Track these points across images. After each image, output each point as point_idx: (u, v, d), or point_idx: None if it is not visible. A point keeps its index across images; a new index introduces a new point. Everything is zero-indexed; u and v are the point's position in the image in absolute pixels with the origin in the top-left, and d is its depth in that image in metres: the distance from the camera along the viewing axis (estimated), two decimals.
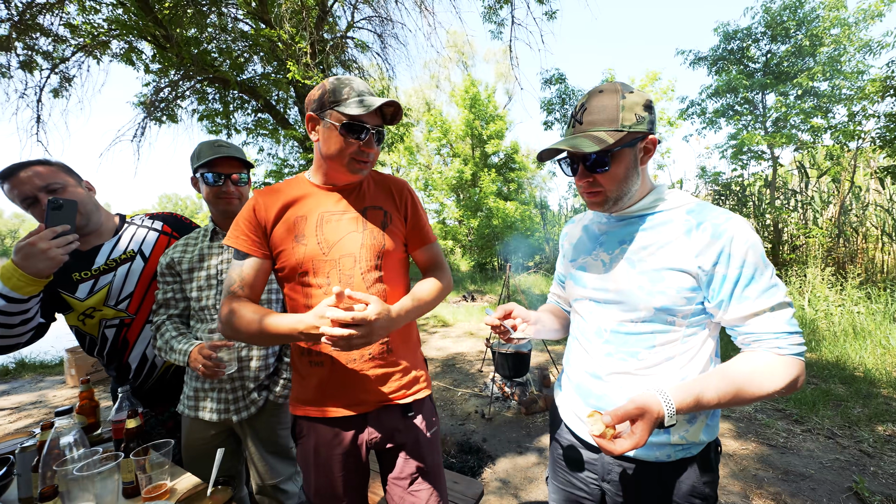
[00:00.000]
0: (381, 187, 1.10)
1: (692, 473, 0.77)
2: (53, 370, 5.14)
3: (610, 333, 0.83)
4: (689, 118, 8.41)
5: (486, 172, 13.66)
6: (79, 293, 1.33)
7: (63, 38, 6.24)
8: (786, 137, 6.63)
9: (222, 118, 7.89)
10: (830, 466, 2.38)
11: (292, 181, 1.06)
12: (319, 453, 1.02)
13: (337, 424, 1.01)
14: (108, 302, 1.36)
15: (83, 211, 1.30)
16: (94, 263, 1.36)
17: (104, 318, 1.37)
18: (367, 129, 0.93)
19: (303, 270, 0.97)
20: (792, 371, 0.70)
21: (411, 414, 1.07)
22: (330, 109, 0.93)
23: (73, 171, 1.35)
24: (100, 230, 1.39)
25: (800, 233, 6.24)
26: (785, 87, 6.87)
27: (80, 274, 1.34)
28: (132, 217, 1.53)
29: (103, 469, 1.02)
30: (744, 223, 0.74)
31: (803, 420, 2.95)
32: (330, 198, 1.02)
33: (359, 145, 0.94)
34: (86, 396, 1.45)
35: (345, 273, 0.98)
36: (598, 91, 0.80)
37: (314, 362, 1.00)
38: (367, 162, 0.98)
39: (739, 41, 7.45)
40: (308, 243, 0.97)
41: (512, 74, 7.10)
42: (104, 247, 1.39)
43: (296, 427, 1.07)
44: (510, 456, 2.63)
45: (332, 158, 0.96)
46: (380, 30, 8.50)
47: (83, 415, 1.44)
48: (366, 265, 1.00)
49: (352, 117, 0.91)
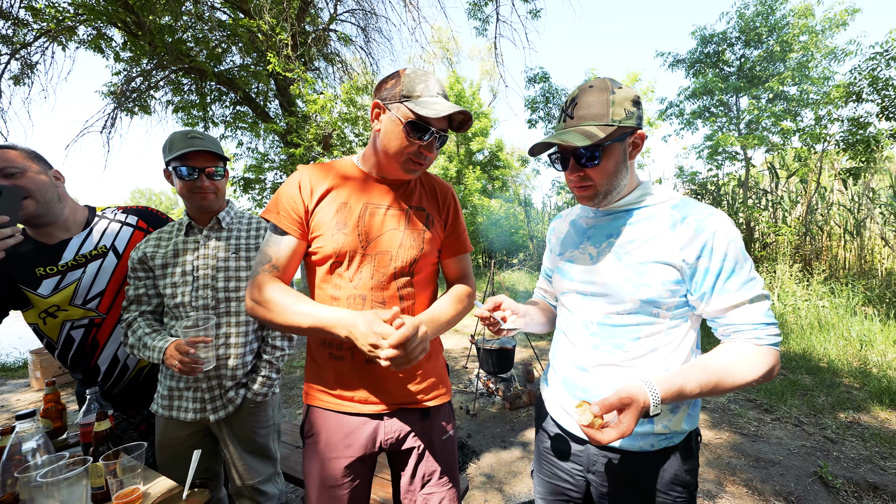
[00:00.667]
0: (427, 189, 1.07)
1: (674, 462, 0.80)
2: (17, 372, 4.88)
3: (596, 326, 0.85)
4: (668, 119, 8.65)
5: (471, 170, 13.70)
6: (42, 289, 1.25)
7: (24, 21, 5.88)
8: (758, 139, 6.89)
9: (199, 110, 7.61)
10: (797, 452, 2.50)
11: (339, 164, 1.02)
12: (328, 453, 0.96)
13: (352, 422, 0.97)
14: (74, 301, 1.28)
15: (40, 199, 1.21)
16: (61, 258, 1.28)
17: (70, 318, 1.29)
18: (431, 132, 0.89)
19: (337, 261, 0.93)
20: (769, 361, 0.72)
21: (429, 418, 1.03)
22: (399, 103, 0.88)
23: (42, 158, 1.26)
24: (66, 223, 1.31)
25: (770, 231, 6.52)
26: (757, 90, 7.15)
27: (44, 269, 1.26)
28: (103, 210, 1.44)
29: (70, 475, 0.97)
30: (725, 218, 0.76)
31: (773, 409, 3.09)
32: (377, 189, 0.99)
33: (419, 146, 0.90)
34: (51, 399, 1.38)
35: (379, 270, 0.94)
36: (588, 86, 0.81)
37: (334, 356, 0.97)
38: (423, 164, 0.94)
39: (715, 45, 7.70)
40: (348, 233, 0.93)
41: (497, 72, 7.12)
42: (73, 241, 1.31)
43: (306, 419, 1.02)
44: (494, 451, 2.65)
45: (389, 153, 0.92)
46: (363, 23, 8.37)
47: (48, 418, 1.37)
48: (400, 265, 0.97)
49: (421, 117, 0.87)
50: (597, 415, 0.65)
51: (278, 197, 0.95)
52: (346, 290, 0.93)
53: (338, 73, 9.04)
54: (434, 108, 0.86)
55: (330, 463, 0.96)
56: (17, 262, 1.24)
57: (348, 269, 0.93)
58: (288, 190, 0.95)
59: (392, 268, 0.96)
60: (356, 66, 8.97)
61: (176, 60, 6.38)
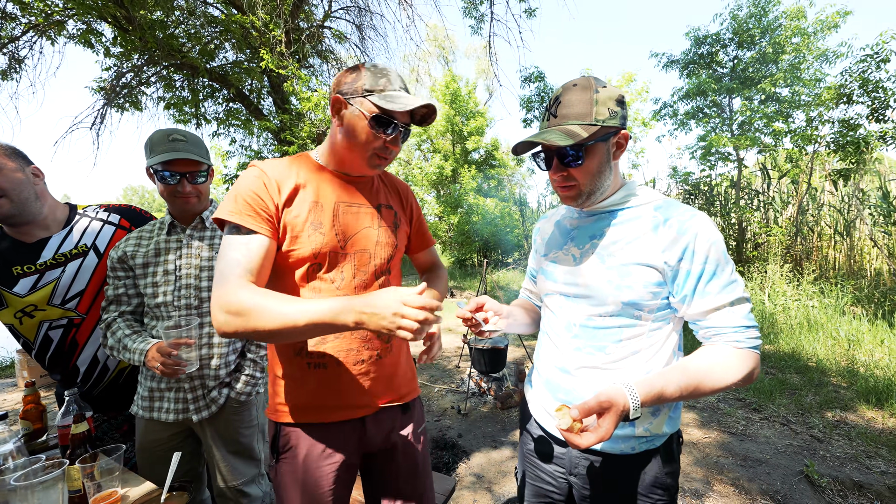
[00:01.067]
0: (389, 187, 1.08)
1: (655, 465, 0.79)
2: (4, 372, 4.81)
3: (579, 328, 0.84)
4: (662, 119, 8.69)
5: (467, 169, 13.68)
6: (18, 288, 1.23)
7: (11, 15, 5.78)
8: (750, 140, 6.95)
9: (191, 107, 7.53)
10: (784, 451, 2.52)
11: (298, 161, 0.96)
12: (310, 466, 0.91)
13: (335, 430, 0.93)
14: (52, 300, 1.26)
15: (14, 198, 1.19)
16: (39, 257, 1.26)
17: (48, 318, 1.27)
18: (396, 126, 0.88)
19: (316, 262, 0.89)
20: (748, 364, 0.72)
21: (409, 412, 1.05)
22: (362, 97, 0.86)
23: (22, 154, 1.24)
24: (45, 221, 1.29)
25: (762, 231, 6.57)
26: (750, 91, 7.21)
27: (21, 268, 1.24)
28: (84, 208, 1.41)
29: (46, 478, 0.95)
30: (707, 221, 0.76)
31: (761, 408, 3.11)
32: (345, 187, 0.96)
33: (384, 140, 0.88)
34: (31, 400, 1.36)
35: (359, 269, 0.93)
36: (572, 85, 0.80)
37: (315, 364, 0.91)
38: (387, 159, 0.93)
39: (709, 46, 7.74)
40: (326, 233, 0.89)
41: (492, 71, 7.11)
42: (52, 240, 1.29)
43: (278, 438, 0.94)
44: (485, 451, 2.65)
45: (354, 148, 0.89)
46: (358, 20, 8.32)
47: (28, 420, 1.34)
48: (379, 262, 0.97)
49: (386, 111, 0.85)
50: (576, 419, 0.65)
51: (238, 196, 0.85)
52: (328, 292, 0.90)
53: (332, 71, 8.98)
54: (399, 101, 0.84)
55: (313, 475, 0.91)
56: None
57: (329, 270, 0.90)
58: (250, 187, 0.85)
59: (372, 266, 0.95)
60: (350, 64, 8.91)
61: (167, 56, 6.30)
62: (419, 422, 1.08)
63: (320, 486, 0.91)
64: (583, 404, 0.66)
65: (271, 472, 0.97)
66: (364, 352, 0.94)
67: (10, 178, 1.18)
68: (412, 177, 15.26)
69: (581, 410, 0.65)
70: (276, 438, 0.95)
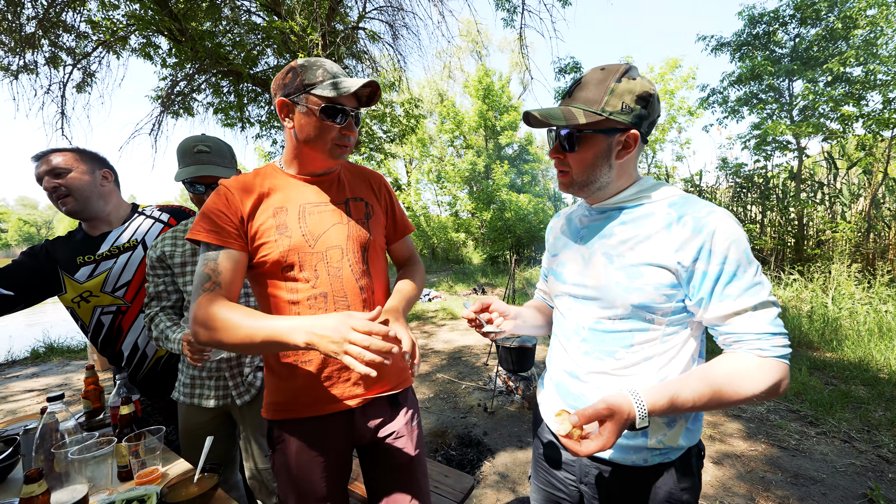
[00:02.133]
0: (359, 179, 1.09)
1: (669, 479, 0.75)
2: (79, 355, 5.40)
3: (587, 331, 0.80)
4: (710, 107, 8.07)
5: (499, 164, 13.50)
6: (78, 275, 1.39)
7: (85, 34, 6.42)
8: (813, 127, 6.28)
9: (236, 111, 8.00)
10: (844, 471, 2.28)
11: (263, 171, 0.99)
12: (302, 457, 0.97)
13: (323, 422, 0.98)
14: (104, 288, 1.40)
15: (78, 197, 1.36)
16: (98, 249, 1.42)
17: (100, 304, 1.42)
18: (346, 112, 0.90)
19: (288, 264, 0.91)
20: (774, 374, 0.66)
21: (398, 405, 1.07)
22: (305, 94, 0.87)
23: (96, 158, 1.43)
24: (109, 217, 1.46)
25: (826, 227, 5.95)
26: (814, 73, 6.50)
27: (84, 258, 1.40)
28: (144, 208, 1.58)
29: (99, 453, 1.06)
30: (727, 217, 0.70)
31: (819, 422, 2.84)
32: (309, 189, 0.98)
33: (339, 129, 0.91)
34: (91, 382, 1.51)
35: (333, 266, 0.95)
36: (599, 68, 0.76)
37: (301, 361, 0.96)
38: (347, 146, 0.94)
39: (766, 25, 7.07)
40: (292, 235, 0.92)
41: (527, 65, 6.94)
42: (111, 234, 1.45)
43: (272, 433, 1.00)
44: (510, 450, 2.63)
45: (312, 144, 0.91)
46: (391, 19, 8.42)
47: (88, 399, 1.49)
48: (353, 257, 0.98)
49: (331, 100, 0.87)
50: (575, 425, 0.62)
51: (205, 215, 0.88)
52: (304, 291, 0.93)
53: (366, 71, 9.17)
54: (342, 87, 0.86)
55: (304, 466, 0.96)
56: (65, 250, 1.40)
57: (302, 270, 0.92)
58: (215, 206, 0.89)
59: (346, 261, 0.97)
60: (385, 64, 9.04)
61: (215, 64, 6.72)
62: (412, 412, 1.10)
63: (313, 475, 0.96)
64: (583, 410, 0.63)
65: (270, 462, 1.03)
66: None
67: (78, 179, 1.36)
68: (445, 173, 15.29)
69: (581, 417, 0.62)
70: (270, 433, 1.01)
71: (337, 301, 0.95)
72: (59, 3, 5.87)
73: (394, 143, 9.64)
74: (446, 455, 2.55)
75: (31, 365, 5.05)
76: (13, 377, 4.58)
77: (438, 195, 16.67)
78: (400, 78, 8.75)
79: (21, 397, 3.93)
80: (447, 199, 15.95)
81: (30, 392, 4.07)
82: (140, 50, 6.74)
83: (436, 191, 16.59)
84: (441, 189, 15.88)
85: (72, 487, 0.96)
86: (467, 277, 11.11)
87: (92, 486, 1.02)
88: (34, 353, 5.40)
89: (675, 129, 9.22)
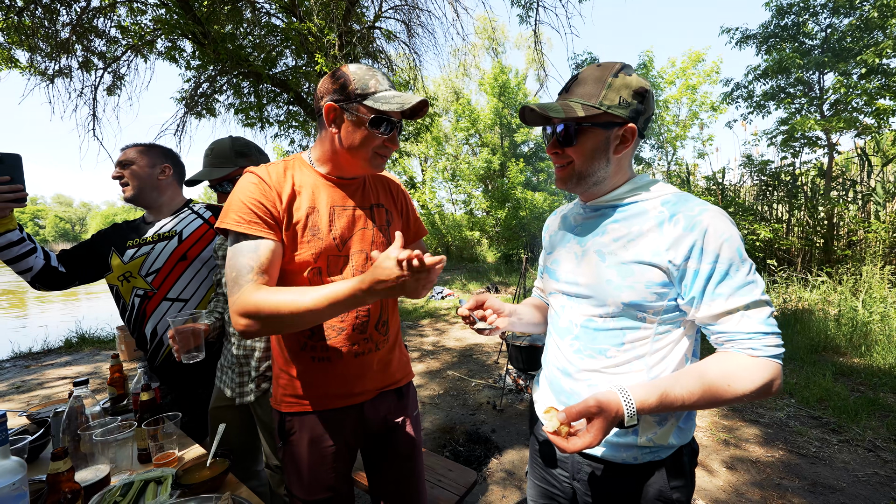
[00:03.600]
0: (380, 185, 1.12)
1: (660, 478, 0.75)
2: (108, 345, 5.68)
3: (579, 329, 0.81)
4: (735, 102, 7.80)
5: (515, 162, 13.41)
6: (125, 256, 1.52)
7: (115, 38, 6.72)
8: (845, 122, 6.00)
9: (256, 111, 8.22)
10: (867, 481, 2.20)
11: (292, 164, 0.98)
12: (313, 448, 1.00)
13: (336, 416, 1.01)
14: (140, 271, 1.51)
15: (134, 187, 1.51)
16: (145, 234, 1.56)
17: (136, 286, 1.52)
18: (392, 124, 0.91)
19: (316, 266, 0.92)
20: (765, 374, 0.65)
21: (404, 397, 1.12)
22: (357, 103, 0.87)
23: (161, 153, 1.59)
24: (161, 208, 1.60)
25: (858, 227, 5.67)
26: (847, 65, 6.18)
27: (133, 241, 1.54)
28: (196, 203, 1.70)
29: (121, 437, 1.13)
30: (720, 215, 0.69)
31: (841, 429, 2.73)
32: (337, 191, 0.98)
33: (384, 140, 0.91)
34: (115, 370, 1.60)
35: (358, 270, 0.97)
36: (595, 65, 0.77)
37: (318, 358, 0.97)
38: (387, 157, 0.96)
39: (795, 16, 6.77)
40: (323, 237, 0.93)
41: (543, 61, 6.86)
42: (160, 222, 1.59)
43: (283, 425, 1.03)
44: (518, 448, 2.63)
45: (354, 152, 0.91)
46: (407, 18, 8.47)
47: (114, 386, 1.58)
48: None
49: (383, 113, 0.87)
50: (563, 421, 0.63)
51: (240, 204, 0.87)
52: None
53: (382, 70, 9.25)
54: (395, 102, 0.86)
55: (315, 457, 1.00)
56: (123, 233, 1.56)
57: (329, 274, 0.94)
58: (250, 195, 0.87)
59: (370, 266, 0.97)
60: (400, 62, 9.10)
61: (236, 65, 6.92)
62: (413, 406, 1.15)
63: (322, 465, 1.00)
64: (571, 407, 0.64)
65: (279, 454, 1.06)
66: (364, 344, 1.00)
67: (138, 171, 1.51)
68: (460, 171, 15.29)
69: (568, 413, 0.63)
70: (282, 425, 1.03)
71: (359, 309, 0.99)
72: (91, 10, 6.16)
73: (409, 142, 9.70)
74: (454, 451, 2.58)
75: (64, 354, 5.35)
76: (48, 365, 4.86)
77: (453, 193, 16.69)
78: (415, 76, 8.78)
79: (55, 384, 4.17)
80: (462, 197, 15.96)
81: (63, 379, 4.31)
82: (166, 53, 7.00)
83: (451, 189, 16.62)
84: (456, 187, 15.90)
85: (95, 467, 1.03)
86: (481, 276, 11.09)
87: (114, 466, 1.09)
88: (67, 342, 5.71)
89: (697, 125, 8.94)
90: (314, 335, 0.97)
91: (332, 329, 0.97)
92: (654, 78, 10.83)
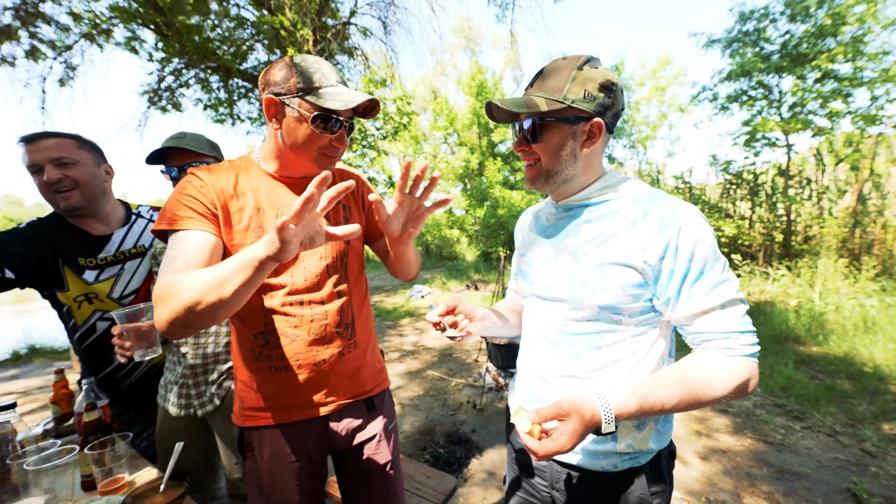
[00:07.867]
0: (337, 181, 1.05)
1: (640, 485, 0.72)
2: (62, 356, 5.30)
3: (555, 333, 0.78)
4: (700, 104, 8.12)
5: (493, 161, 13.48)
6: (85, 275, 1.29)
7: (66, 26, 6.26)
8: (802, 123, 6.34)
9: (226, 107, 7.87)
10: (829, 466, 2.30)
11: (238, 164, 0.93)
12: (274, 464, 0.93)
13: (297, 429, 0.94)
14: (111, 294, 1.32)
15: (85, 192, 1.25)
16: (101, 251, 1.32)
17: (102, 308, 1.32)
18: (340, 123, 0.84)
19: None
20: (742, 374, 0.64)
21: (374, 409, 1.05)
22: (299, 98, 0.81)
23: (99, 150, 1.33)
24: (107, 217, 1.36)
25: (813, 223, 6.01)
26: (803, 69, 6.54)
27: (86, 259, 1.29)
28: (136, 208, 1.49)
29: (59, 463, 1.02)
30: (693, 213, 0.67)
31: (804, 416, 2.86)
32: (286, 191, 0.93)
33: (330, 139, 0.85)
34: (60, 386, 1.45)
35: (310, 271, 0.92)
36: (562, 58, 0.74)
37: (275, 367, 0.91)
38: (335, 157, 0.89)
39: (756, 21, 7.10)
40: None
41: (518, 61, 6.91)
42: (114, 236, 1.36)
43: (243, 440, 0.96)
44: (498, 447, 2.61)
45: (298, 150, 0.85)
46: (383, 15, 8.33)
47: (58, 405, 1.43)
48: (331, 262, 0.95)
49: (328, 110, 0.81)
50: (534, 422, 0.60)
51: (174, 203, 0.81)
52: (278, 298, 0.89)
53: (358, 67, 9.06)
54: (340, 99, 0.80)
55: (276, 473, 0.93)
56: (66, 245, 1.28)
57: (278, 274, 0.89)
58: (186, 192, 0.82)
59: (323, 265, 0.93)
60: (377, 59, 8.95)
61: (203, 59, 6.60)
62: (389, 418, 1.07)
63: (285, 482, 0.93)
64: (540, 409, 0.61)
65: (240, 469, 0.99)
66: (324, 352, 0.93)
67: (87, 171, 1.24)
68: (439, 170, 15.24)
69: (538, 414, 0.60)
70: (241, 440, 0.97)
71: (313, 305, 0.92)
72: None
73: (387, 140, 9.56)
74: (434, 453, 2.53)
75: (11, 367, 4.94)
76: None
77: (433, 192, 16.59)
78: (392, 74, 8.65)
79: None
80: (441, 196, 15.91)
81: (9, 395, 3.98)
82: (125, 44, 6.57)
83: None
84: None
85: (27, 500, 0.92)
86: (460, 274, 11.09)
87: (52, 497, 0.98)
88: (15, 354, 5.28)
89: (667, 125, 9.26)
90: (268, 343, 0.90)
91: (286, 336, 0.90)
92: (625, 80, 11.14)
